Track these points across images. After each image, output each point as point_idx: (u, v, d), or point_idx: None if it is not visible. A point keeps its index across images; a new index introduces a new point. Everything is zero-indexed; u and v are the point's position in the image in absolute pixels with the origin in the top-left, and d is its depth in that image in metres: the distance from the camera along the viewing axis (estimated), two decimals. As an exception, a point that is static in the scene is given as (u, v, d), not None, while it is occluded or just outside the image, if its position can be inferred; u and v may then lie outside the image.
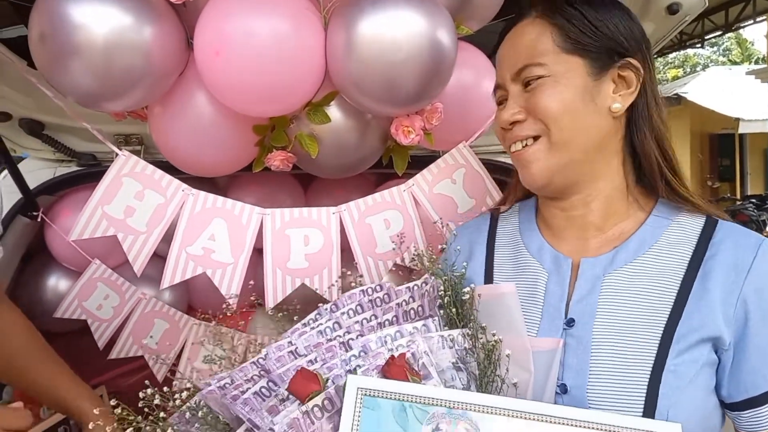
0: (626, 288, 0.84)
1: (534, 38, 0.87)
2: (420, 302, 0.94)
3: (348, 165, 1.33)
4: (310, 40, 1.13)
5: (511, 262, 0.95)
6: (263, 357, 0.86)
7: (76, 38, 1.07)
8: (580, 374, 0.82)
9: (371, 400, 0.73)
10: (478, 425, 0.72)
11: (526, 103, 0.87)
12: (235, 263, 1.30)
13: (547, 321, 0.86)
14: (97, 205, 1.27)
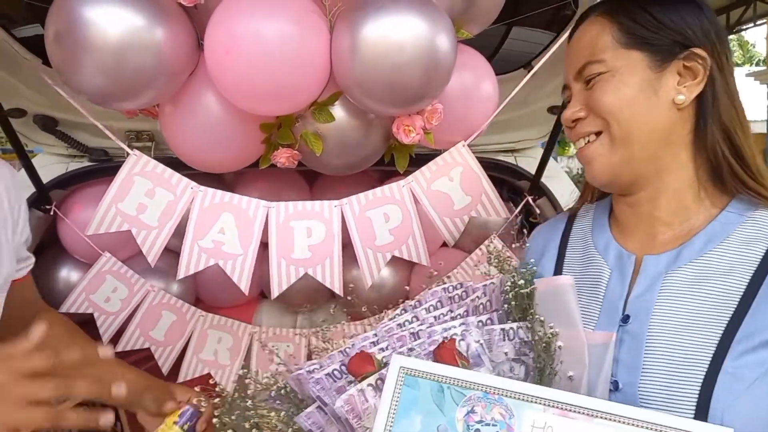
0: (688, 286, 0.82)
1: (594, 36, 0.88)
2: (488, 298, 0.97)
3: (351, 162, 1.38)
4: (316, 42, 1.18)
5: (579, 259, 0.95)
6: (350, 346, 0.92)
7: (90, 38, 1.12)
8: (632, 371, 0.80)
9: (412, 380, 0.77)
10: (512, 411, 0.74)
11: (586, 100, 0.87)
12: (244, 254, 1.35)
13: (604, 316, 0.86)
14: (111, 202, 1.32)
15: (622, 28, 0.85)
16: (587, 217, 0.99)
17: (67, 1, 1.12)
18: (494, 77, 1.43)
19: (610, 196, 0.98)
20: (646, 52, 0.84)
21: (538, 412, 0.73)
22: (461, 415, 0.74)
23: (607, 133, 0.85)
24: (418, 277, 1.83)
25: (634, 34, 0.85)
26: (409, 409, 0.75)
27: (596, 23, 0.88)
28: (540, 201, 1.79)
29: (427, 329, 0.91)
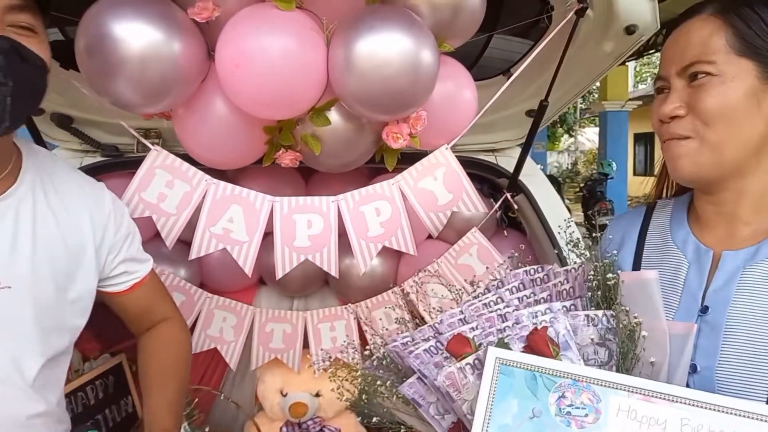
0: (765, 280, 0.86)
1: (706, 35, 0.87)
2: (572, 284, 1.04)
3: (345, 161, 1.54)
4: (314, 55, 1.33)
5: (657, 251, 0.99)
6: (439, 321, 1.02)
7: (116, 50, 1.27)
8: (710, 356, 0.86)
9: (507, 368, 0.86)
10: (600, 396, 0.82)
11: (689, 98, 0.88)
12: (250, 241, 1.51)
13: (684, 307, 0.91)
14: (135, 191, 1.47)
15: (736, 33, 0.86)
16: (665, 212, 1.03)
17: (96, 18, 1.27)
18: (474, 85, 1.59)
19: (689, 192, 1.02)
20: (756, 61, 0.85)
21: (623, 397, 0.81)
22: (553, 399, 0.84)
23: (699, 137, 0.87)
24: (405, 266, 1.99)
25: (748, 41, 0.85)
26: (506, 393, 0.85)
27: (709, 22, 0.88)
28: (518, 197, 1.95)
29: (514, 312, 0.98)
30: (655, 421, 0.79)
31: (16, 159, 1.04)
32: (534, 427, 0.83)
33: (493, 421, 0.84)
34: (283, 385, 1.98)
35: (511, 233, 2.05)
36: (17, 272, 1.00)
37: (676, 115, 0.89)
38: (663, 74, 0.93)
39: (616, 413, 0.81)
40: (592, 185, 10.60)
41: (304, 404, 1.94)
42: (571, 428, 0.81)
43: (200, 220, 1.49)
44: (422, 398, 0.97)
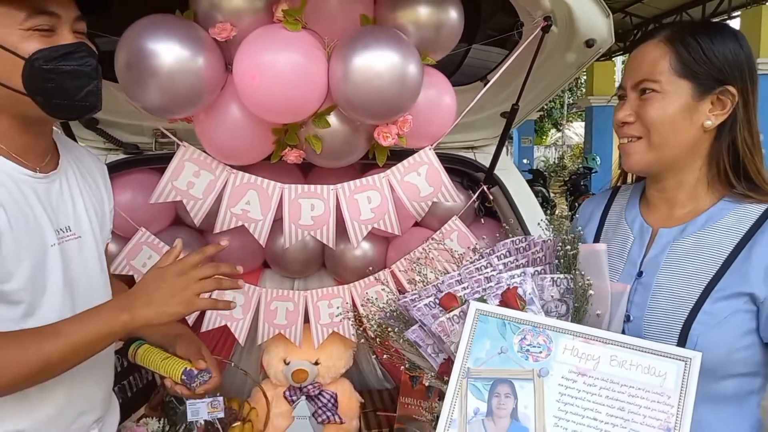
0: (687, 252, 1.08)
1: (655, 58, 1.07)
2: (544, 253, 1.25)
3: (342, 158, 1.80)
4: (317, 69, 1.59)
5: (613, 227, 1.23)
6: (441, 282, 1.24)
7: (150, 66, 1.51)
8: (640, 309, 1.09)
9: (483, 317, 1.10)
10: (551, 339, 1.05)
11: (638, 108, 1.09)
12: (263, 219, 1.80)
13: (626, 272, 1.14)
14: (168, 180, 1.73)
15: (679, 58, 1.05)
16: (624, 196, 1.27)
17: (133, 36, 1.52)
18: (452, 91, 1.85)
19: (644, 180, 1.23)
20: (692, 82, 1.05)
21: (569, 339, 1.05)
22: (517, 340, 1.07)
23: (647, 138, 1.09)
24: (393, 251, 2.24)
25: (687, 65, 1.05)
26: (482, 336, 1.09)
27: (659, 47, 1.08)
28: (493, 189, 2.21)
29: (497, 275, 1.19)
30: (591, 357, 1.04)
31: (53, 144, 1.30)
32: (501, 360, 1.08)
33: (471, 355, 1.10)
34: (286, 354, 2.24)
35: (487, 221, 2.31)
36: (83, 226, 1.25)
37: (627, 121, 1.11)
38: (623, 84, 1.14)
39: (563, 351, 1.05)
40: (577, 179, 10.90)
41: (305, 371, 2.20)
42: (528, 361, 1.07)
43: (222, 202, 1.77)
44: (422, 341, 1.21)
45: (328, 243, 1.84)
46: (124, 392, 2.13)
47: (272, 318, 2.17)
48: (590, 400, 1.02)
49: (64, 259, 1.18)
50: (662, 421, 0.97)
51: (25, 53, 1.05)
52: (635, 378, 1.00)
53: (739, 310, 1.02)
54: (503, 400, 1.06)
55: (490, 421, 1.05)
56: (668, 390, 0.98)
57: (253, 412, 2.26)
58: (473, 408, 1.07)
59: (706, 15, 10.27)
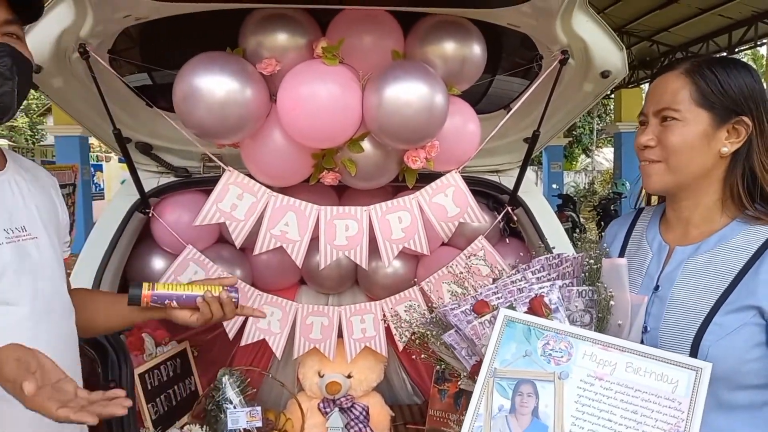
0: (700, 268, 1.15)
1: (676, 88, 1.15)
2: (572, 268, 1.35)
3: (375, 180, 1.94)
4: (352, 99, 1.74)
5: (635, 245, 1.31)
6: (479, 294, 1.35)
7: (204, 96, 1.69)
8: (657, 320, 1.16)
9: (511, 323, 1.19)
10: (572, 344, 1.13)
11: (659, 134, 1.16)
12: (301, 240, 1.93)
13: (644, 286, 1.22)
14: (213, 202, 1.89)
15: (697, 89, 1.14)
16: (647, 216, 1.35)
17: (189, 71, 1.70)
18: (477, 120, 1.98)
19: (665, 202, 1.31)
20: (711, 112, 1.13)
21: (588, 345, 1.13)
22: (540, 345, 1.15)
23: (665, 162, 1.16)
24: (423, 268, 2.36)
25: (705, 96, 1.13)
26: (509, 339, 1.18)
27: (680, 78, 1.16)
28: (517, 210, 2.32)
29: (528, 286, 1.29)
30: (608, 363, 1.11)
31: None
32: (525, 362, 1.17)
33: (498, 356, 1.19)
34: (320, 367, 2.36)
35: (511, 240, 2.42)
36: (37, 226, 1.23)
37: (648, 145, 1.19)
38: (644, 111, 1.22)
39: (582, 356, 1.13)
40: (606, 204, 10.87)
41: (338, 383, 2.32)
42: (550, 365, 1.15)
43: (263, 224, 1.91)
44: (457, 344, 1.32)
45: (361, 263, 1.97)
46: (169, 401, 2.27)
47: (308, 332, 2.30)
48: (606, 403, 1.09)
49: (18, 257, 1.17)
50: (673, 426, 1.04)
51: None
52: (649, 384, 1.07)
53: (748, 323, 1.09)
54: (526, 399, 1.14)
55: (513, 418, 1.14)
56: (679, 396, 1.04)
57: (288, 423, 2.38)
58: (498, 405, 1.16)
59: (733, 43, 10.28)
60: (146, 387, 2.17)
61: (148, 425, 2.08)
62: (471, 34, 1.84)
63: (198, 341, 2.44)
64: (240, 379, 2.34)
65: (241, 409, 2.22)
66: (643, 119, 1.23)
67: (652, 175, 1.20)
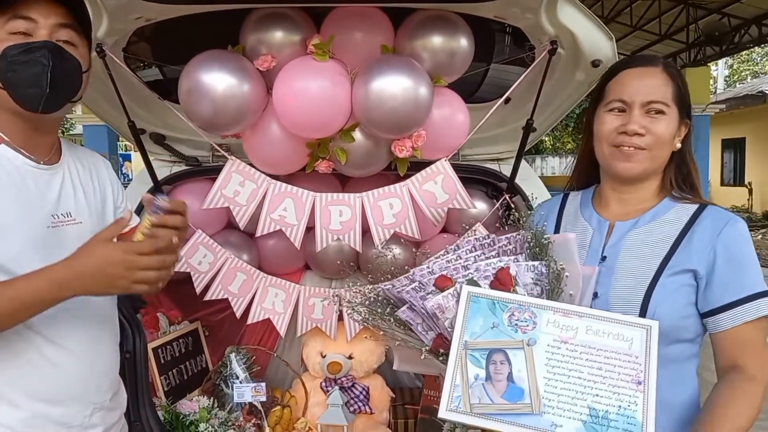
0: (642, 239, 1.42)
1: (663, 84, 1.40)
2: (514, 246, 1.54)
3: (365, 168, 2.25)
4: (342, 92, 2.04)
5: (571, 224, 1.55)
6: (411, 274, 1.53)
7: (206, 92, 2.02)
8: (605, 287, 1.40)
9: (475, 298, 1.34)
10: (535, 314, 1.31)
11: (648, 124, 1.38)
12: (298, 224, 2.26)
13: (590, 258, 1.45)
14: (218, 189, 2.24)
15: (676, 89, 1.41)
16: (576, 199, 1.61)
17: (193, 68, 2.04)
18: (466, 110, 2.25)
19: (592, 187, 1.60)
20: (679, 110, 1.41)
21: (550, 314, 1.31)
22: (506, 316, 1.32)
23: (650, 150, 1.40)
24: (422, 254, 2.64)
25: (680, 96, 1.41)
26: (475, 314, 1.33)
27: (664, 75, 1.41)
28: (515, 198, 2.57)
29: (473, 264, 1.47)
30: (570, 328, 1.31)
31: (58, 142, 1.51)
32: (494, 333, 1.36)
33: (467, 330, 1.33)
34: (323, 348, 2.68)
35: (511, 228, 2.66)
36: (84, 214, 1.46)
37: (639, 133, 1.40)
38: (627, 100, 1.42)
39: (546, 324, 1.32)
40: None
41: (339, 363, 2.63)
42: (518, 333, 1.35)
43: (263, 209, 2.25)
44: (412, 320, 1.44)
45: (355, 246, 2.28)
46: (180, 375, 2.63)
47: (310, 312, 2.62)
48: (574, 363, 1.28)
49: (60, 240, 1.37)
50: (633, 377, 1.27)
51: None
52: (608, 343, 1.29)
53: (685, 285, 1.37)
54: (499, 367, 1.33)
55: (489, 385, 1.32)
56: (635, 352, 1.27)
57: (292, 400, 2.71)
58: (474, 374, 1.33)
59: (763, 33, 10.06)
60: (159, 360, 2.54)
61: (161, 395, 2.44)
62: (458, 28, 2.11)
63: (208, 321, 2.80)
64: (247, 356, 2.69)
65: (247, 384, 2.56)
66: (622, 106, 1.42)
67: (637, 161, 1.42)
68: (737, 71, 27.22)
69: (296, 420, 2.65)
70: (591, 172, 1.60)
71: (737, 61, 26.30)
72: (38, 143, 1.41)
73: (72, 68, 1.35)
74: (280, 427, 2.60)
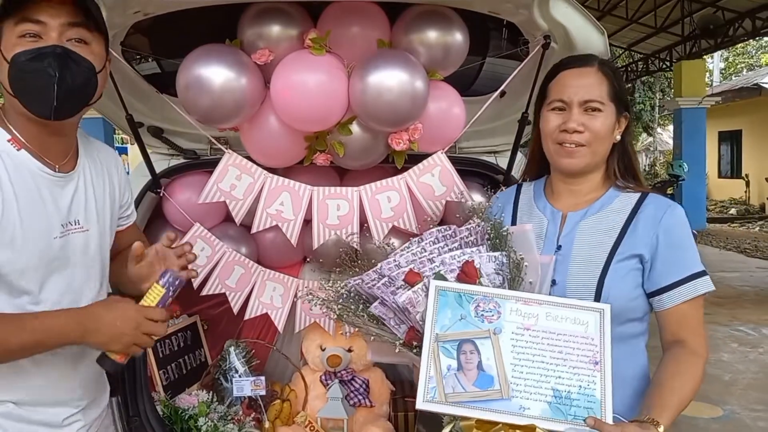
0: (593, 228, 1.51)
1: (598, 82, 1.49)
2: (474, 237, 1.57)
3: (363, 161, 2.26)
4: (339, 85, 2.05)
5: (527, 215, 1.61)
6: (379, 268, 1.54)
7: (203, 85, 2.03)
8: (562, 274, 1.48)
9: (443, 292, 1.39)
10: (500, 304, 1.37)
11: (586, 121, 1.47)
12: (295, 219, 2.27)
13: (546, 248, 1.52)
14: (214, 182, 2.24)
15: (611, 86, 1.49)
16: (529, 190, 1.69)
17: (191, 62, 2.04)
18: (462, 103, 2.26)
19: (543, 177, 1.67)
20: (616, 106, 1.50)
21: (513, 303, 1.38)
22: (472, 307, 1.37)
23: (589, 146, 1.48)
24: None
25: (615, 93, 1.49)
26: (444, 307, 1.38)
27: (599, 74, 1.50)
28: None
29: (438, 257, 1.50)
30: (532, 315, 1.39)
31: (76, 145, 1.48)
32: (462, 324, 1.43)
33: (438, 323, 1.43)
34: (322, 341, 2.69)
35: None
36: (92, 220, 1.45)
37: (578, 130, 1.49)
38: (566, 99, 1.50)
39: (510, 312, 1.39)
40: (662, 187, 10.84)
41: (339, 356, 2.65)
42: (484, 323, 1.42)
43: (259, 203, 2.24)
44: (384, 315, 1.48)
45: (352, 242, 2.28)
46: (179, 369, 2.64)
47: (309, 307, 2.62)
48: (537, 348, 1.37)
49: (65, 248, 1.38)
50: (591, 357, 1.36)
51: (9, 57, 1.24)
52: (566, 328, 1.38)
53: (633, 269, 1.47)
54: (469, 356, 1.39)
55: (461, 374, 1.38)
56: (591, 334, 1.37)
57: (291, 394, 2.72)
58: (446, 365, 1.39)
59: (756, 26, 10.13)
60: (158, 355, 2.55)
61: (159, 389, 2.45)
62: (453, 23, 2.12)
63: (207, 315, 2.81)
64: (246, 350, 2.70)
65: (246, 378, 2.57)
66: (562, 105, 1.51)
67: (578, 157, 1.51)
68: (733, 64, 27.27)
69: (296, 414, 2.66)
70: (542, 165, 1.66)
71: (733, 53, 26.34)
72: (55, 147, 1.39)
73: (83, 72, 1.31)
74: (280, 421, 2.61)
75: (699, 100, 12.89)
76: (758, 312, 7.04)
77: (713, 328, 6.41)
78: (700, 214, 13.21)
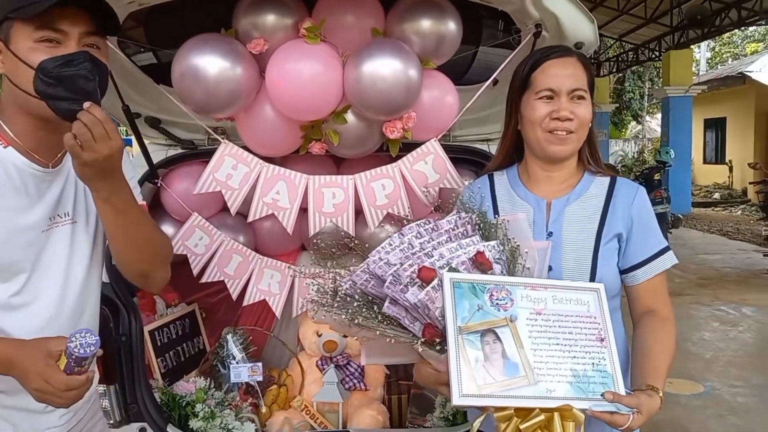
0: (577, 213, 1.53)
1: (580, 72, 1.51)
2: (463, 228, 1.51)
3: (358, 150, 2.24)
4: (334, 75, 2.03)
5: (509, 203, 1.59)
6: (367, 266, 1.45)
7: (199, 75, 2.00)
8: (556, 259, 1.48)
9: (458, 284, 1.35)
10: (510, 291, 1.35)
11: (574, 109, 1.48)
12: (291, 208, 2.25)
13: (537, 235, 1.51)
14: (210, 172, 2.22)
15: (589, 75, 1.53)
16: (503, 178, 1.65)
17: (186, 52, 2.01)
18: (455, 92, 2.25)
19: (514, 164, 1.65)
20: (591, 93, 1.53)
21: (522, 289, 1.36)
22: (487, 297, 1.34)
23: (577, 133, 1.50)
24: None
25: (591, 81, 1.53)
26: (461, 299, 1.34)
27: (579, 65, 1.52)
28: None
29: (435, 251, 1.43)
30: (541, 300, 1.40)
31: None
32: (481, 314, 1.39)
33: (458, 315, 1.39)
34: (318, 327, 2.69)
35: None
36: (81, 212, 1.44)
37: (570, 118, 1.50)
38: (554, 88, 1.50)
39: (521, 299, 1.37)
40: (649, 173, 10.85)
41: (335, 341, 2.64)
42: (500, 312, 1.38)
43: (256, 192, 2.23)
44: (398, 314, 1.47)
45: (348, 229, 2.27)
46: (177, 357, 2.64)
47: (305, 293, 2.62)
48: (551, 331, 1.37)
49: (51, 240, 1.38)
50: (596, 334, 1.38)
51: (33, 62, 1.25)
52: (571, 309, 1.39)
53: (615, 249, 1.53)
54: (492, 346, 1.37)
55: (489, 365, 1.35)
56: (593, 312, 1.39)
57: (288, 379, 2.72)
58: (474, 357, 1.36)
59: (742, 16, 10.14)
60: (156, 343, 2.54)
61: (158, 377, 2.45)
62: (446, 12, 2.10)
63: (205, 303, 2.80)
64: (243, 337, 2.70)
65: (244, 364, 2.57)
66: (550, 94, 1.51)
67: (568, 144, 1.52)
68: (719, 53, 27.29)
69: (293, 398, 2.66)
70: (512, 153, 1.67)
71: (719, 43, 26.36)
72: (52, 144, 1.38)
73: (105, 73, 1.35)
74: (277, 406, 2.62)
75: (686, 88, 12.90)
76: (739, 292, 7.13)
77: (696, 308, 6.49)
78: (685, 198, 13.27)
